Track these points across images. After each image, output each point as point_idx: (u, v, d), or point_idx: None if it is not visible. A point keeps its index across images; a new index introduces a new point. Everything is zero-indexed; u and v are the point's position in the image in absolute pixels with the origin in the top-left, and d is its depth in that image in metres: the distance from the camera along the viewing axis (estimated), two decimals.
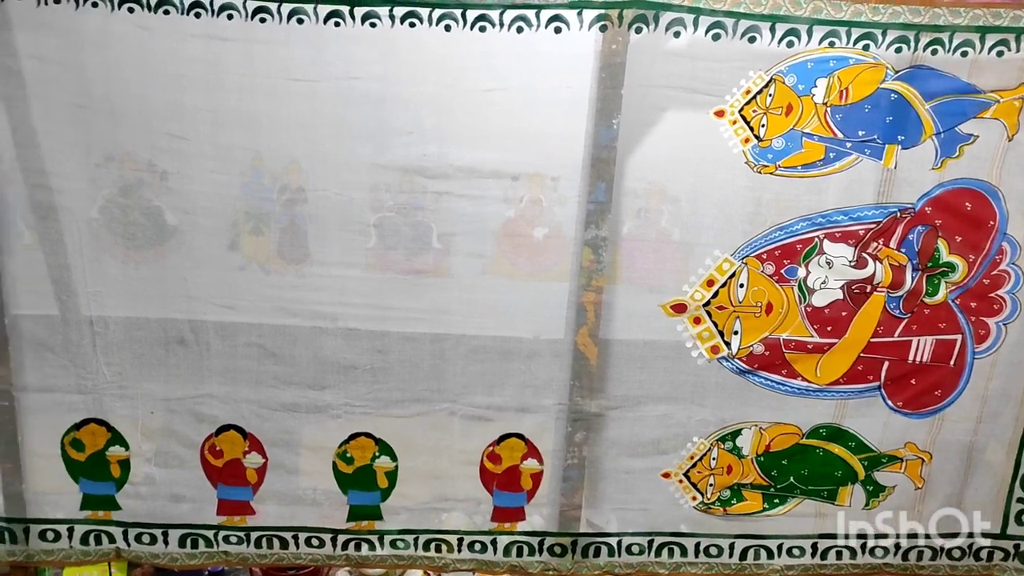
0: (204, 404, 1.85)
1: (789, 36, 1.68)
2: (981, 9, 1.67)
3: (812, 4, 1.67)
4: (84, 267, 1.76)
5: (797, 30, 1.67)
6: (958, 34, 1.67)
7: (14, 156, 1.69)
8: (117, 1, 1.61)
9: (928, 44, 1.68)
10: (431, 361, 1.84)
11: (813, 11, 1.67)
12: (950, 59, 1.69)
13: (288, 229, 1.77)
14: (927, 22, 1.67)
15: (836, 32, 1.68)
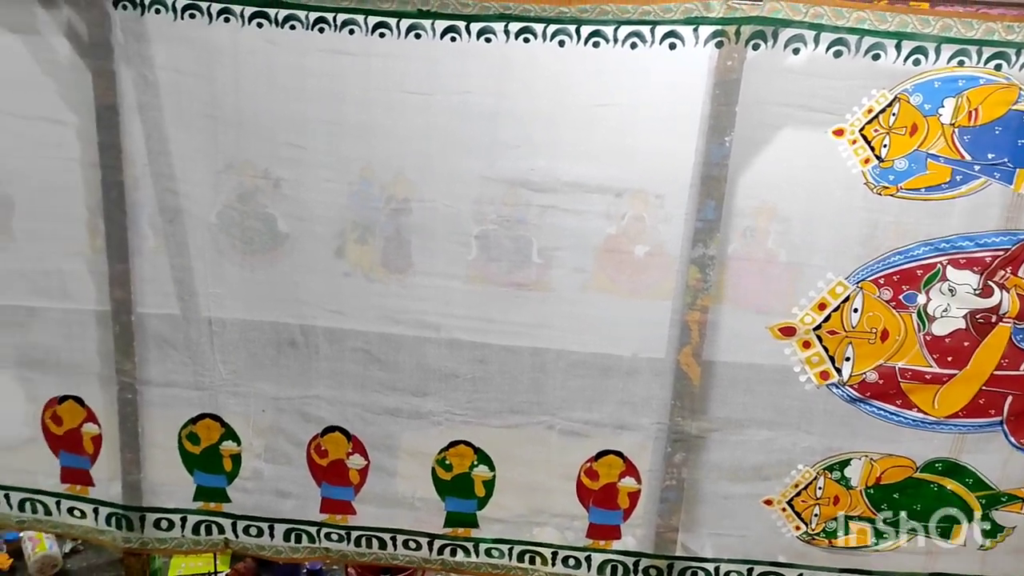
0: (311, 405, 1.91)
1: (916, 54, 1.61)
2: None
3: (941, 22, 1.60)
4: (205, 269, 1.85)
5: (924, 48, 1.61)
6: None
7: (146, 162, 1.79)
8: (247, 16, 1.68)
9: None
10: (531, 374, 1.85)
11: (942, 29, 1.60)
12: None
13: (392, 239, 1.81)
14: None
15: (966, 51, 1.61)
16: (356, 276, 1.83)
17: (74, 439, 1.95)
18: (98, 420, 1.94)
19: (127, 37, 1.71)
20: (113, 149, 1.76)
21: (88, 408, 1.94)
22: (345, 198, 1.79)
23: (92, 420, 1.94)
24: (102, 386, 1.92)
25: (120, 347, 1.87)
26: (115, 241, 1.81)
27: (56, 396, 1.94)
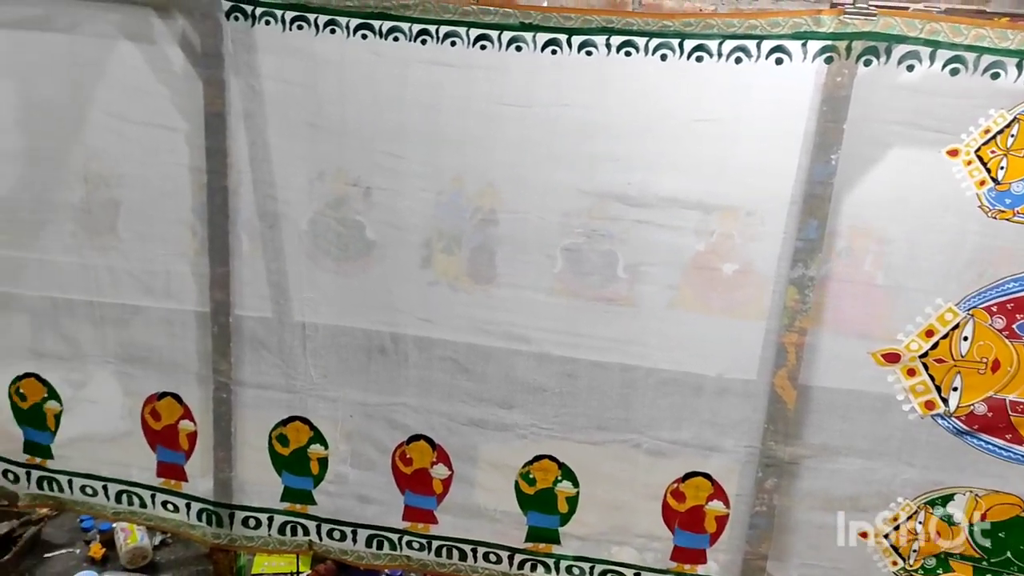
0: (398, 412, 1.92)
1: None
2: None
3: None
4: (300, 274, 1.88)
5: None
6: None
7: (248, 168, 1.84)
8: (353, 28, 1.72)
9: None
10: (620, 390, 1.82)
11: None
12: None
13: (479, 250, 1.82)
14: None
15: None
16: (441, 285, 1.84)
17: (171, 435, 2.01)
18: (194, 417, 2.00)
19: (237, 47, 1.76)
20: (219, 155, 1.81)
21: (185, 405, 2.00)
22: (433, 208, 1.80)
23: (188, 417, 2.00)
24: (199, 385, 1.98)
25: (218, 348, 1.92)
26: (217, 245, 1.86)
27: (156, 392, 2.00)
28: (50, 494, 2.12)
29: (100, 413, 2.06)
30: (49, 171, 1.90)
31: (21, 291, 1.99)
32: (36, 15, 1.77)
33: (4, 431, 2.10)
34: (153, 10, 1.76)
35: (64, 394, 2.06)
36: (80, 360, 2.03)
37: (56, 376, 2.05)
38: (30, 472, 2.12)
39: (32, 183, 1.92)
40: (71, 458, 2.10)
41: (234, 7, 1.73)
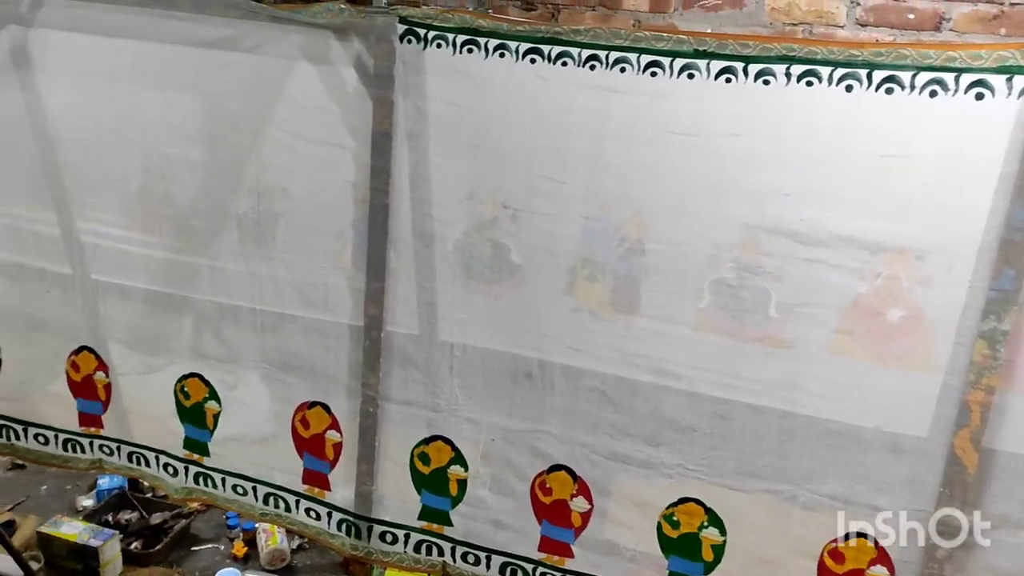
0: (541, 440, 1.90)
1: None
2: None
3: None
4: (450, 294, 1.90)
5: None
6: None
7: (408, 187, 1.87)
8: (522, 52, 1.72)
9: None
10: (777, 437, 1.73)
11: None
12: None
13: (623, 279, 1.77)
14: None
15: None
16: (583, 313, 1.81)
17: (318, 444, 2.07)
18: (340, 429, 2.05)
19: (407, 69, 1.80)
20: (384, 174, 1.86)
21: (333, 416, 2.05)
22: (580, 234, 1.77)
23: (335, 428, 2.05)
24: (347, 397, 2.02)
25: (368, 362, 1.95)
26: (375, 261, 1.90)
27: (307, 401, 2.06)
28: (204, 489, 2.23)
29: (250, 415, 2.15)
30: (226, 183, 2.01)
31: (192, 295, 2.10)
32: (227, 35, 1.87)
33: (166, 426, 2.22)
34: (332, 33, 1.82)
35: (221, 395, 2.15)
36: (234, 363, 2.12)
37: (213, 376, 2.14)
38: (188, 467, 2.22)
39: (210, 193, 2.03)
40: (225, 457, 2.19)
41: (408, 30, 1.77)
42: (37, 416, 2.35)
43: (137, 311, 2.16)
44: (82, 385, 2.28)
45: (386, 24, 1.77)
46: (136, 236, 2.10)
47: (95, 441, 2.31)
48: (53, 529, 2.86)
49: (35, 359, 2.31)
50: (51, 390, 2.30)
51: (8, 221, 2.19)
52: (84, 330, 2.24)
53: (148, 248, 2.10)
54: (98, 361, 2.25)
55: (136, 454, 2.28)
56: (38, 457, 2.38)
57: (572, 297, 1.81)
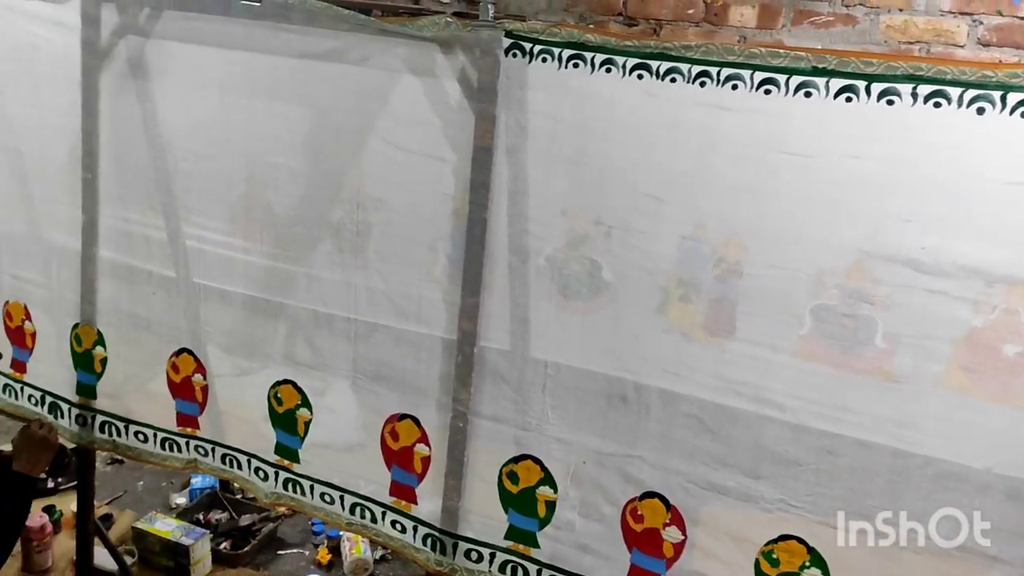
0: (634, 465, 1.85)
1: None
2: None
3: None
4: (545, 311, 1.87)
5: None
6: None
7: (506, 202, 1.86)
8: (629, 68, 1.69)
9: None
10: (888, 477, 1.64)
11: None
12: None
13: (718, 301, 1.71)
14: None
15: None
16: (675, 334, 1.76)
17: (407, 456, 2.07)
18: (429, 443, 2.04)
19: (511, 83, 1.79)
20: (483, 188, 1.85)
21: (423, 429, 2.05)
22: (675, 253, 1.73)
23: (424, 442, 2.05)
24: (438, 411, 2.02)
25: (460, 376, 1.94)
26: (471, 275, 1.89)
27: (397, 413, 2.07)
28: (292, 496, 2.25)
29: (338, 423, 2.17)
30: (325, 192, 2.04)
31: (288, 301, 2.13)
32: (335, 47, 1.91)
33: (259, 430, 2.26)
34: (438, 46, 1.83)
35: (311, 401, 2.17)
36: (325, 370, 2.14)
37: (304, 382, 2.17)
38: (278, 472, 2.26)
39: (309, 202, 2.06)
40: (313, 464, 2.21)
41: (514, 44, 1.76)
42: (138, 414, 2.43)
43: (235, 315, 2.21)
44: (181, 386, 2.34)
45: (492, 38, 1.77)
46: (237, 242, 2.15)
47: (191, 441, 2.37)
48: (148, 525, 2.97)
49: (138, 358, 2.39)
50: (152, 389, 2.37)
51: (121, 224, 2.28)
52: (185, 332, 2.30)
53: (247, 254, 2.15)
54: (196, 363, 2.31)
55: (229, 456, 2.33)
56: (138, 454, 2.45)
57: (664, 318, 1.76)
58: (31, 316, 2.52)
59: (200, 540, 2.88)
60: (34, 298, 2.51)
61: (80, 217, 2.30)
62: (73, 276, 2.38)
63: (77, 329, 2.39)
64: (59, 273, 2.41)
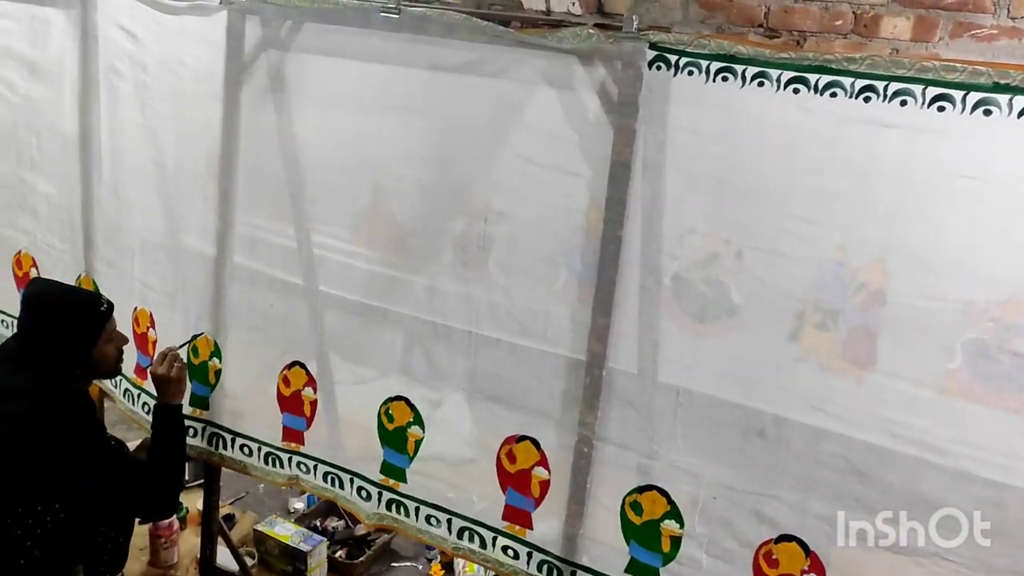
0: (769, 505, 1.74)
1: None
2: None
3: None
4: (675, 334, 1.80)
5: None
6: None
7: (640, 219, 1.79)
8: (784, 81, 1.61)
9: None
10: None
11: None
12: None
13: (858, 330, 1.61)
14: None
15: None
16: (809, 363, 1.66)
17: (524, 479, 2.01)
18: (549, 466, 1.98)
19: (653, 97, 1.74)
20: (619, 205, 1.79)
21: (542, 452, 1.99)
22: (812, 277, 1.64)
23: (543, 465, 1.99)
24: (558, 433, 1.96)
25: (587, 399, 1.88)
26: (603, 295, 1.83)
27: (515, 435, 2.02)
28: (396, 517, 2.22)
29: (451, 436, 2.12)
30: (452, 204, 2.02)
31: (408, 312, 2.12)
32: (471, 59, 1.90)
33: (367, 448, 2.24)
34: (577, 58, 1.80)
35: (424, 413, 2.14)
36: (442, 382, 2.10)
37: (418, 394, 2.14)
38: (382, 493, 2.23)
39: (434, 214, 2.05)
40: (421, 483, 2.18)
41: (659, 56, 1.71)
42: (244, 427, 2.46)
43: (355, 323, 2.21)
44: (290, 400, 2.35)
45: (635, 50, 1.72)
46: (360, 251, 2.16)
47: (294, 457, 2.37)
48: (268, 528, 3.01)
49: (252, 371, 2.42)
50: (261, 402, 2.40)
51: (250, 231, 2.32)
52: (300, 343, 2.32)
53: (370, 263, 2.15)
54: (308, 377, 2.32)
55: (332, 475, 2.33)
56: (242, 467, 2.48)
57: (797, 345, 1.67)
58: (155, 324, 2.59)
59: (317, 547, 2.90)
60: (160, 307, 2.58)
61: (213, 226, 2.36)
62: (197, 288, 2.44)
63: (195, 340, 2.44)
64: (185, 284, 2.47)
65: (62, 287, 2.36)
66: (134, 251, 2.60)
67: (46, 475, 2.14)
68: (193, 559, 2.92)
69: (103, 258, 2.72)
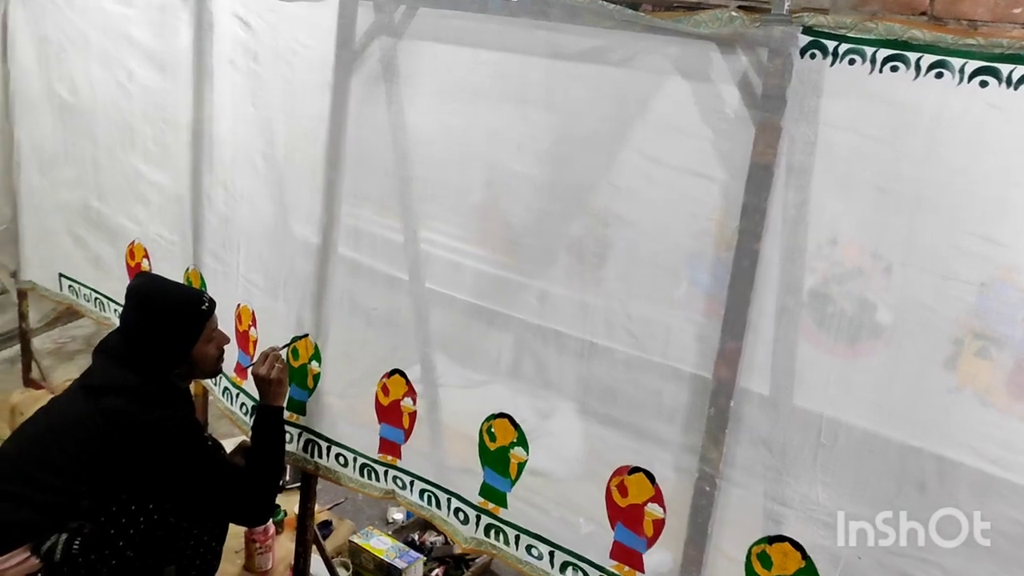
0: (928, 571, 1.51)
1: None
2: None
3: None
4: (814, 359, 1.60)
5: None
6: None
7: (782, 231, 1.61)
8: (969, 73, 1.39)
9: None
10: None
11: None
12: None
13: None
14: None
15: None
16: (965, 395, 1.44)
17: (636, 516, 1.86)
18: (664, 504, 1.81)
19: (804, 90, 1.55)
20: (757, 214, 1.61)
21: (657, 487, 1.83)
22: (975, 300, 1.42)
23: (658, 502, 1.83)
24: (678, 468, 1.79)
25: (711, 431, 1.71)
26: (734, 315, 1.66)
27: (628, 465, 1.86)
28: (494, 544, 2.11)
29: (559, 450, 1.99)
30: (566, 204, 1.88)
31: (518, 315, 1.99)
32: (595, 47, 1.75)
33: (467, 468, 2.13)
34: (716, 45, 1.62)
35: (528, 430, 2.00)
36: (551, 390, 1.96)
37: (524, 403, 2.02)
38: (480, 516, 2.12)
39: (549, 215, 1.92)
40: (523, 511, 2.04)
41: (813, 43, 1.52)
42: (340, 435, 2.40)
43: (462, 324, 2.10)
44: (388, 410, 2.27)
45: (785, 35, 1.53)
46: (469, 249, 2.05)
47: (390, 471, 2.29)
48: (363, 540, 2.98)
49: (351, 376, 2.36)
50: (359, 410, 2.33)
51: (356, 223, 2.26)
52: (402, 346, 2.23)
53: (479, 262, 2.04)
54: (408, 386, 2.23)
55: (429, 493, 2.23)
56: (336, 477, 2.42)
57: (953, 374, 1.46)
58: (256, 322, 2.57)
59: (413, 565, 2.84)
60: (263, 304, 2.56)
61: (319, 218, 2.31)
62: (301, 281, 2.40)
63: (297, 342, 2.39)
64: (289, 277, 2.44)
65: (164, 284, 2.37)
66: (239, 246, 2.59)
67: (141, 474, 2.14)
68: (287, 566, 2.89)
69: (211, 252, 2.73)
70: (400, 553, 2.87)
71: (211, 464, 2.23)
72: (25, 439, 2.28)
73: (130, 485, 2.15)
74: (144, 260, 3.04)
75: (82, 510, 2.16)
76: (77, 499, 2.14)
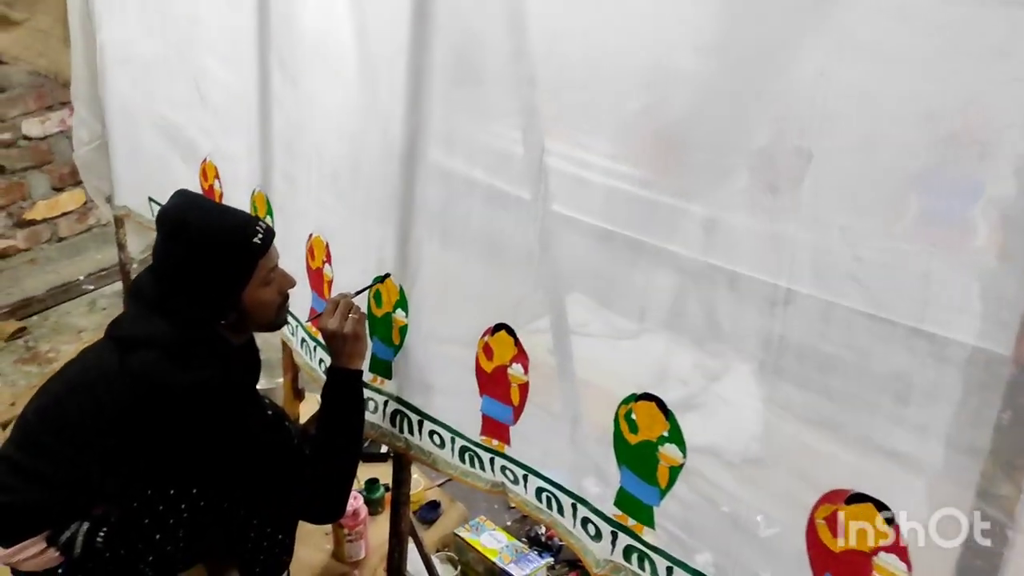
0: None
1: None
2: None
3: None
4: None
5: None
6: None
7: None
8: None
9: None
10: None
11: None
12: None
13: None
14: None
15: None
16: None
17: (859, 568, 1.24)
18: (909, 560, 1.21)
19: None
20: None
21: (898, 530, 1.21)
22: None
23: (901, 554, 1.21)
24: (935, 501, 1.17)
25: (1000, 448, 1.07)
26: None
27: (846, 490, 1.25)
28: (636, 572, 1.56)
29: (731, 421, 1.42)
30: (745, 108, 1.31)
31: (683, 251, 1.43)
32: None
33: (596, 465, 1.59)
34: None
35: (696, 386, 1.47)
36: (724, 345, 1.40)
37: (687, 361, 1.47)
38: (616, 535, 1.58)
39: (723, 120, 1.35)
40: (676, 535, 1.49)
41: None
42: (435, 408, 1.93)
43: (605, 258, 1.55)
44: (492, 378, 1.77)
45: None
46: (611, 165, 1.51)
47: (496, 459, 1.82)
48: (472, 535, 2.49)
49: (446, 331, 1.88)
50: (457, 375, 1.83)
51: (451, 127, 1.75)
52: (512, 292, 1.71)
53: (622, 181, 1.50)
54: (517, 348, 1.71)
55: (547, 493, 1.73)
56: (432, 461, 1.96)
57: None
58: (331, 258, 2.11)
59: (533, 574, 2.33)
60: (339, 234, 2.09)
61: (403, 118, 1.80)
62: (384, 213, 1.91)
63: (378, 285, 1.91)
64: (368, 195, 1.95)
65: (203, 206, 1.94)
66: (311, 160, 2.13)
67: (176, 450, 1.75)
68: (382, 557, 2.47)
69: (280, 169, 2.28)
70: (517, 556, 2.36)
71: (263, 441, 1.81)
72: (48, 399, 1.93)
73: (165, 464, 1.77)
74: (215, 181, 2.64)
75: (106, 493, 1.80)
76: (96, 478, 1.78)
